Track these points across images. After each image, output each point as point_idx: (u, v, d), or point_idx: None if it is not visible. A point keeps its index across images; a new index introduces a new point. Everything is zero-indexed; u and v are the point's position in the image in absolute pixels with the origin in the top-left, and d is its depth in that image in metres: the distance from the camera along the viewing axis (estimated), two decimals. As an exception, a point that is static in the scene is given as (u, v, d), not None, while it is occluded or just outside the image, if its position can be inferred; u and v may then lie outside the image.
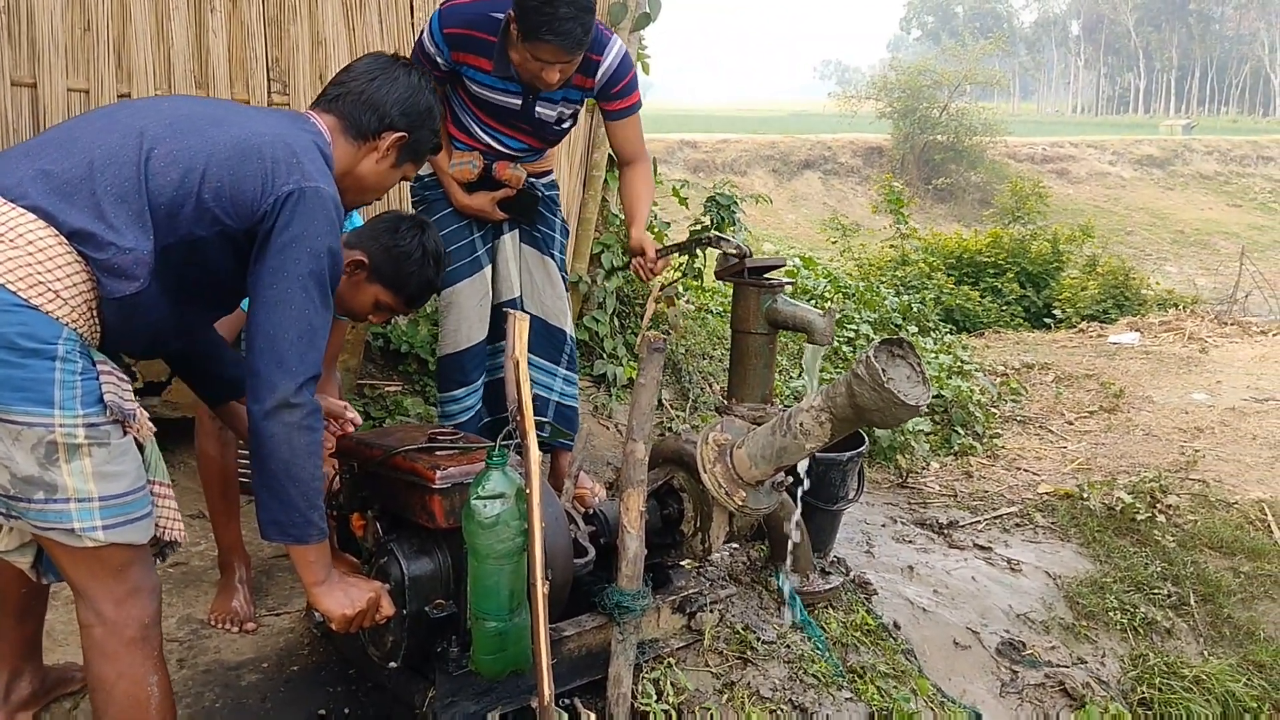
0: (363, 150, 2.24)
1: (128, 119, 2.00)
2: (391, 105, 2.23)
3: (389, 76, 2.26)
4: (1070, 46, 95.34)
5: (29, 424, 1.78)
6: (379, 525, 2.49)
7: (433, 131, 2.35)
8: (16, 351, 1.76)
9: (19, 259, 1.78)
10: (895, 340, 2.48)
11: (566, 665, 2.64)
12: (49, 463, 1.82)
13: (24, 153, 1.95)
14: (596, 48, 3.11)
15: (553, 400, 3.56)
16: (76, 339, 1.85)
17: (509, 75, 3.08)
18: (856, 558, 3.84)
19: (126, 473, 1.92)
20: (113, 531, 1.90)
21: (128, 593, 1.97)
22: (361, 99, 2.22)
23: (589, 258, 5.24)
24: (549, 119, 3.21)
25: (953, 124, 28.92)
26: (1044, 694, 3.40)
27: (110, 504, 1.89)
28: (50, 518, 1.85)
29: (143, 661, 2.00)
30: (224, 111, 2.10)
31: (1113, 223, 26.96)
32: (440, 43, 3.10)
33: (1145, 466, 5.01)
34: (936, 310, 9.52)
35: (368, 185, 2.30)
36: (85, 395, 1.84)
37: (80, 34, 3.97)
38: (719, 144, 27.78)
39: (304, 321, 1.98)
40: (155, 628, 2.04)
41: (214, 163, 1.94)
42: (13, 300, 1.77)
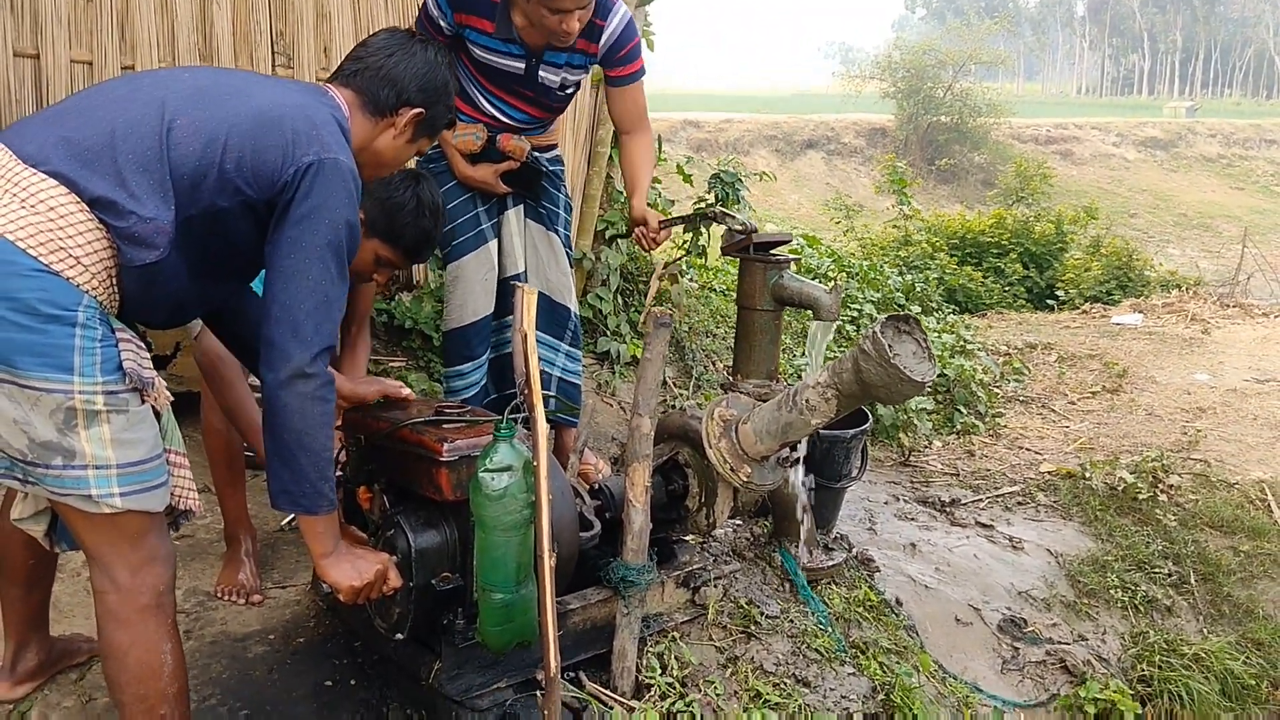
0: (380, 125, 2.24)
1: (149, 89, 1.99)
2: (409, 81, 2.23)
3: (406, 52, 2.26)
4: (1075, 27, 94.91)
5: (48, 389, 1.78)
6: (386, 498, 2.49)
7: (448, 107, 2.35)
8: (37, 317, 1.76)
9: (40, 224, 1.78)
10: (901, 316, 2.48)
11: (571, 638, 2.65)
12: (67, 429, 1.81)
13: (45, 120, 1.95)
14: (601, 12, 3.09)
15: (555, 376, 3.56)
16: (96, 306, 1.84)
17: (511, 37, 3.06)
18: (859, 535, 3.86)
19: (144, 440, 1.92)
20: (130, 499, 1.90)
21: (143, 560, 1.98)
22: (380, 74, 2.22)
23: (593, 234, 5.23)
24: (552, 84, 3.19)
25: (957, 104, 28.81)
26: (1044, 671, 3.42)
27: (128, 471, 1.89)
28: (68, 484, 1.85)
29: (156, 629, 2.01)
30: (245, 82, 2.09)
31: (1116, 204, 26.91)
32: (443, 4, 3.08)
33: (1147, 446, 5.02)
34: (939, 290, 9.52)
35: (384, 160, 2.31)
36: (105, 362, 1.84)
37: (84, 5, 3.95)
38: (722, 123, 27.69)
39: (320, 293, 1.98)
40: (169, 595, 2.04)
41: (235, 133, 1.94)
42: (34, 265, 1.76)
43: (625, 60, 3.19)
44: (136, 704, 2.02)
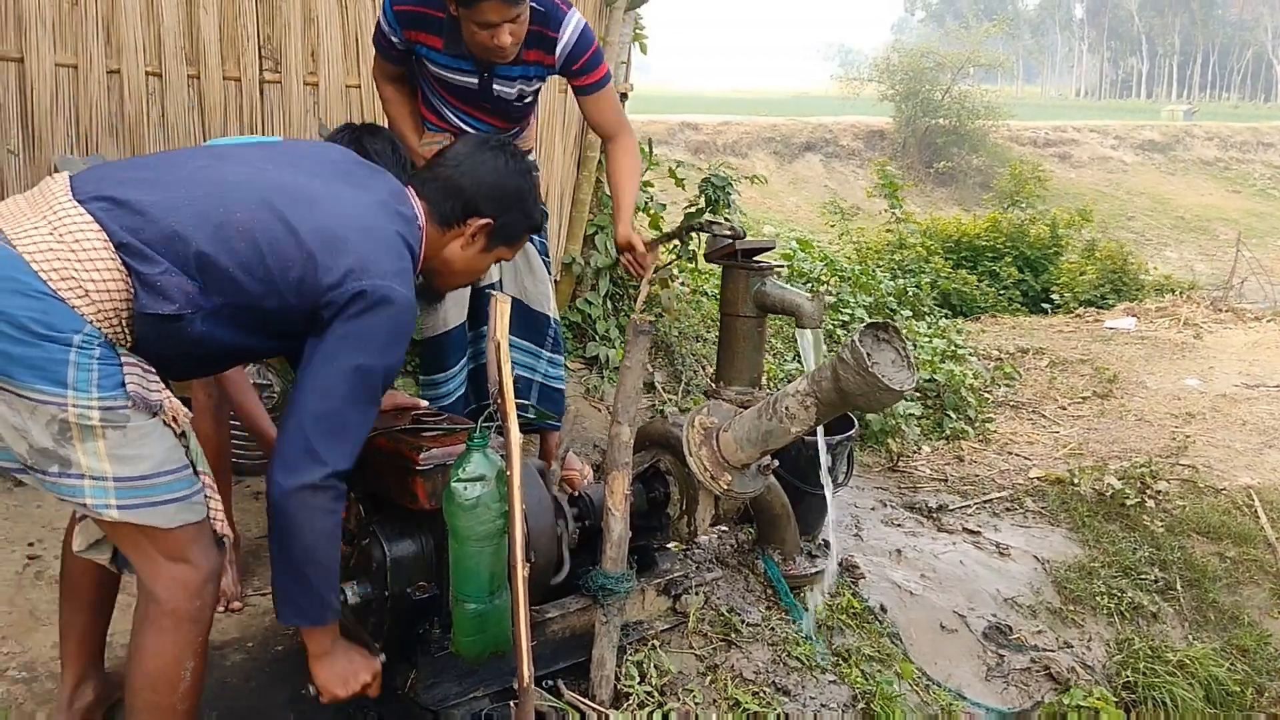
0: (448, 236, 2.22)
1: (225, 172, 2.01)
2: (474, 191, 2.21)
3: (475, 161, 2.24)
4: (1074, 30, 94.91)
5: (43, 400, 1.79)
6: (361, 507, 2.48)
7: (525, 214, 2.30)
8: (31, 334, 1.77)
9: (60, 253, 1.81)
10: (881, 324, 2.47)
11: (550, 647, 2.64)
12: (63, 439, 1.82)
13: (118, 167, 2.01)
14: (553, 24, 3.07)
15: (536, 381, 3.55)
16: (98, 334, 1.84)
17: (461, 53, 3.05)
18: (845, 541, 3.85)
19: (149, 456, 1.90)
20: (128, 512, 1.89)
21: (181, 573, 1.98)
22: (447, 185, 2.21)
23: (582, 239, 5.22)
24: (509, 96, 3.18)
25: (955, 107, 28.74)
26: (1029, 678, 3.42)
27: (127, 485, 1.88)
28: (64, 490, 1.87)
29: (184, 644, 2.00)
30: (318, 186, 2.05)
31: (1114, 207, 26.85)
32: (393, 21, 3.07)
33: (1136, 452, 5.01)
34: (933, 294, 9.50)
35: (454, 269, 2.28)
36: (102, 379, 1.83)
37: (68, 8, 3.94)
38: (720, 126, 27.60)
39: (343, 418, 1.97)
40: (207, 611, 2.03)
41: (294, 247, 1.93)
42: (41, 289, 1.79)
43: (586, 69, 3.15)
44: (146, 711, 2.02)
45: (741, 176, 5.94)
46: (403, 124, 3.27)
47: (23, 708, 2.52)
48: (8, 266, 1.79)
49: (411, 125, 3.28)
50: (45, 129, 4.00)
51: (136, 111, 4.15)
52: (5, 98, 3.91)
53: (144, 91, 4.15)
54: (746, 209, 21.26)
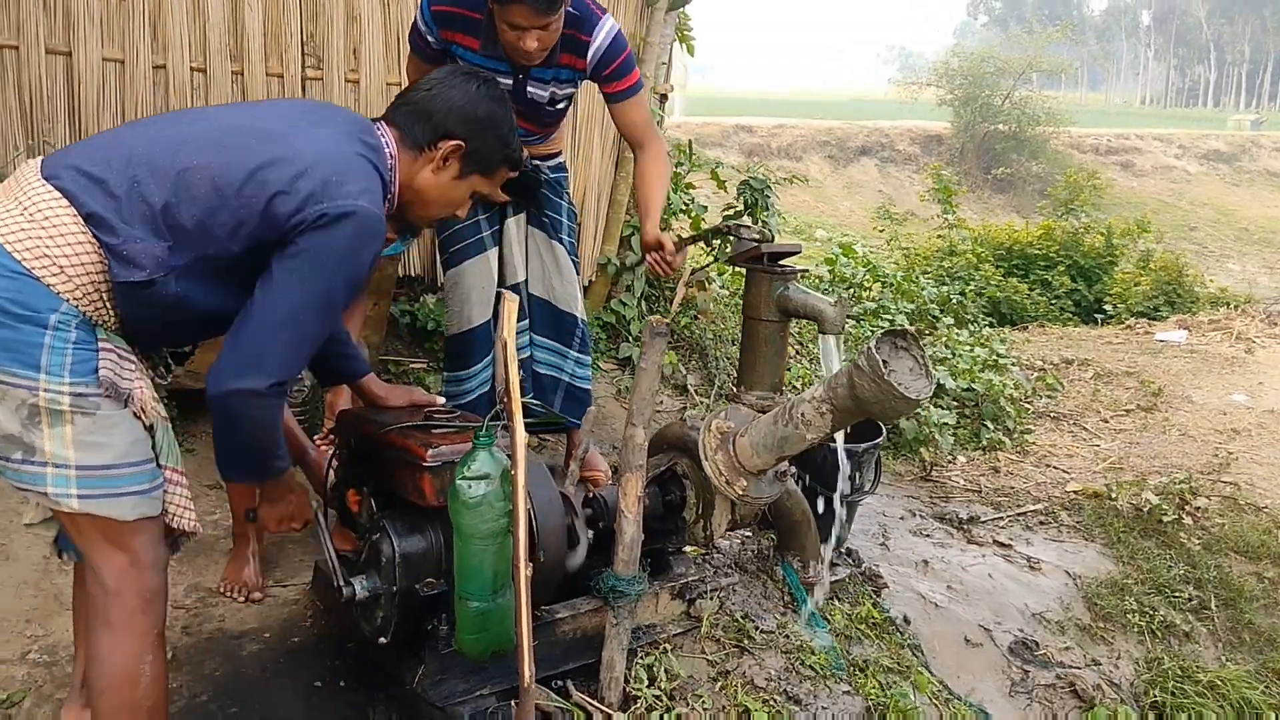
0: (420, 161, 2.19)
1: (178, 125, 2.03)
2: (445, 114, 2.18)
3: (447, 85, 2.23)
4: (1140, 37, 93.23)
5: (13, 384, 1.81)
6: (372, 502, 2.50)
7: (499, 140, 2.26)
8: (8, 315, 1.79)
9: (32, 231, 1.83)
10: (899, 331, 2.43)
11: (561, 648, 2.65)
12: (31, 424, 1.84)
13: (80, 145, 2.01)
14: (586, 28, 3.07)
15: (564, 382, 3.56)
16: (76, 314, 1.86)
17: (497, 55, 3.06)
18: (870, 550, 3.80)
19: (112, 445, 1.92)
20: (89, 502, 1.90)
21: (128, 564, 1.98)
22: (417, 109, 2.20)
23: (619, 240, 5.22)
24: (541, 99, 3.19)
25: (1015, 113, 28.34)
26: (1054, 695, 3.35)
27: (89, 474, 1.89)
28: (25, 479, 1.88)
29: (140, 637, 2.01)
30: (279, 124, 2.04)
31: (1176, 218, 26.35)
32: (429, 20, 3.08)
33: (1177, 468, 4.90)
34: (981, 302, 9.37)
35: (430, 199, 2.24)
36: (76, 364, 1.85)
37: (116, 4, 4.02)
38: (774, 129, 27.49)
39: (297, 329, 1.96)
40: (157, 603, 2.04)
41: (252, 182, 1.92)
42: (15, 268, 1.81)
43: (617, 75, 3.15)
44: (110, 712, 2.02)
45: (781, 179, 5.88)
46: None
47: (42, 690, 2.57)
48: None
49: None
50: (91, 122, 4.08)
51: (181, 106, 4.21)
52: (53, 91, 4.00)
53: (189, 87, 4.22)
54: (798, 213, 21.16)
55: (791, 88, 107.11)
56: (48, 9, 3.91)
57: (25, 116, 3.97)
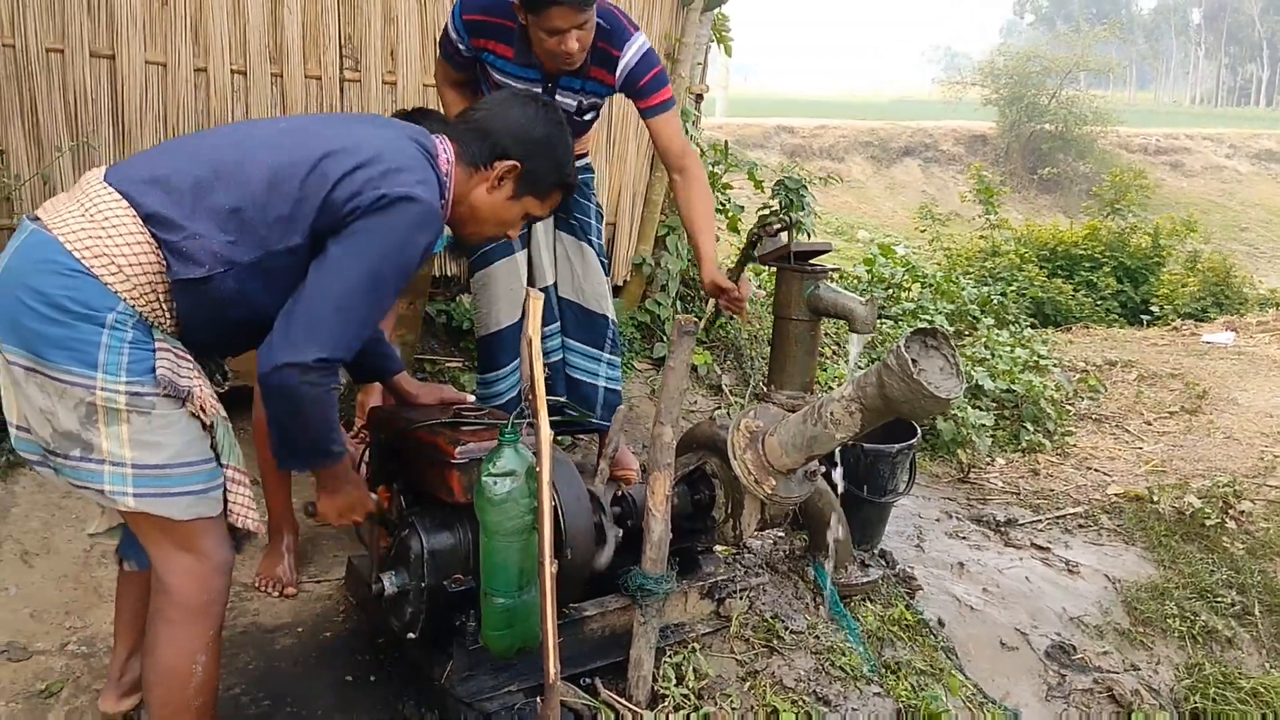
0: (476, 179, 2.23)
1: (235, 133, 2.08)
2: (503, 134, 2.22)
3: (507, 106, 2.27)
4: (1191, 35, 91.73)
5: (71, 382, 1.83)
6: (403, 498, 2.52)
7: (554, 164, 2.29)
8: (66, 313, 1.82)
9: (91, 230, 1.86)
10: (929, 330, 2.41)
11: (589, 645, 2.65)
12: (89, 423, 1.86)
13: (139, 156, 2.07)
14: (617, 42, 3.07)
15: (600, 385, 3.57)
16: (132, 313, 1.88)
17: (530, 63, 3.07)
18: (905, 552, 3.77)
19: (167, 445, 1.93)
20: (144, 500, 1.92)
21: (193, 564, 2.01)
22: (476, 128, 2.23)
23: (654, 240, 5.22)
24: (569, 108, 3.19)
25: (1062, 112, 28.00)
26: (1091, 700, 3.30)
27: (145, 473, 1.91)
28: (83, 475, 1.90)
29: (196, 636, 2.03)
30: (334, 125, 2.10)
31: (1227, 218, 25.90)
32: (461, 29, 3.11)
33: (1222, 471, 4.82)
34: (1024, 303, 9.26)
35: (483, 216, 2.27)
36: (132, 363, 1.87)
37: (158, 8, 4.09)
38: (816, 130, 27.33)
39: (348, 308, 1.96)
40: (216, 605, 2.06)
41: (314, 172, 1.95)
42: (74, 265, 1.84)
43: (647, 91, 3.14)
44: (160, 707, 2.06)
45: (817, 179, 5.84)
46: None
47: (79, 680, 2.62)
48: (43, 249, 1.86)
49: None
50: (135, 125, 4.15)
51: (221, 108, 4.28)
52: (97, 93, 4.07)
53: (229, 89, 4.28)
54: (840, 214, 21.03)
55: (835, 89, 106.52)
56: (92, 13, 3.99)
57: (70, 119, 4.05)
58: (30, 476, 3.41)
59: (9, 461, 3.39)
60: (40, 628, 2.79)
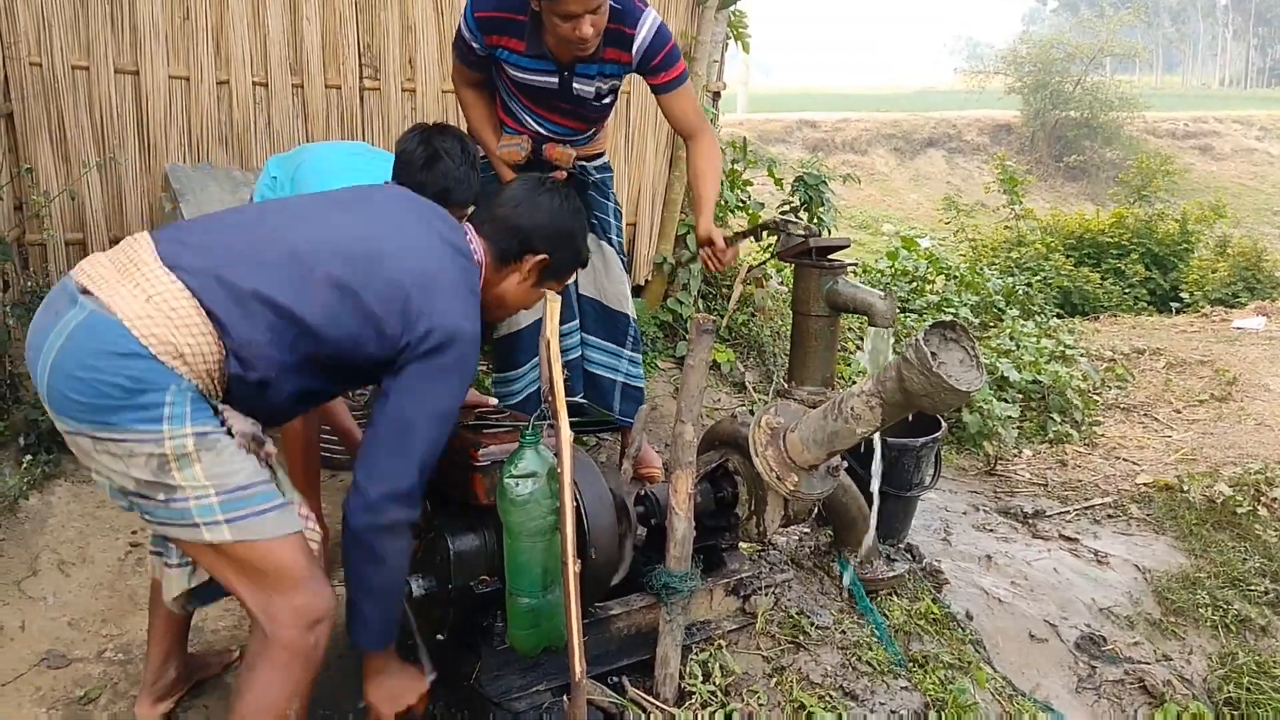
0: (505, 272, 2.36)
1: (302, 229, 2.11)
2: (531, 230, 2.34)
3: (533, 202, 2.37)
4: (1218, 17, 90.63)
5: (139, 440, 1.86)
6: (428, 502, 2.54)
7: (575, 252, 2.46)
8: (128, 392, 1.85)
9: (157, 318, 1.88)
10: (948, 323, 2.41)
11: (616, 644, 2.66)
12: (162, 471, 1.89)
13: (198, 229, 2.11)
14: (630, 21, 3.09)
15: (619, 382, 3.59)
16: (192, 388, 1.91)
17: (541, 54, 3.10)
18: (932, 545, 3.77)
19: (243, 469, 1.97)
20: (238, 525, 1.94)
21: (293, 607, 2.02)
22: (506, 225, 2.34)
23: (674, 239, 5.23)
24: (587, 95, 3.21)
25: (1087, 99, 27.75)
26: (1122, 691, 3.28)
27: (230, 497, 1.94)
28: (174, 515, 1.93)
29: (294, 681, 2.04)
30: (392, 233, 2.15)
31: (1258, 201, 25.60)
32: (474, 28, 3.13)
33: (1253, 458, 4.77)
34: (1051, 293, 9.20)
35: (507, 302, 2.43)
36: (195, 412, 1.90)
37: (180, 22, 4.15)
38: (838, 123, 27.22)
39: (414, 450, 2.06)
40: (320, 650, 2.08)
41: (369, 301, 2.02)
42: (138, 349, 1.86)
43: (662, 67, 3.17)
44: None
45: (837, 175, 5.84)
46: (482, 128, 3.34)
47: (117, 687, 2.66)
48: (108, 331, 1.86)
49: (490, 128, 3.35)
50: (159, 138, 4.22)
51: (244, 120, 4.33)
52: (122, 108, 4.13)
53: (251, 100, 4.34)
54: (864, 207, 20.92)
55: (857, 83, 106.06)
56: (116, 30, 4.05)
57: (96, 134, 4.12)
58: (66, 487, 3.47)
59: (45, 473, 3.45)
60: (78, 635, 2.84)
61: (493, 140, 3.32)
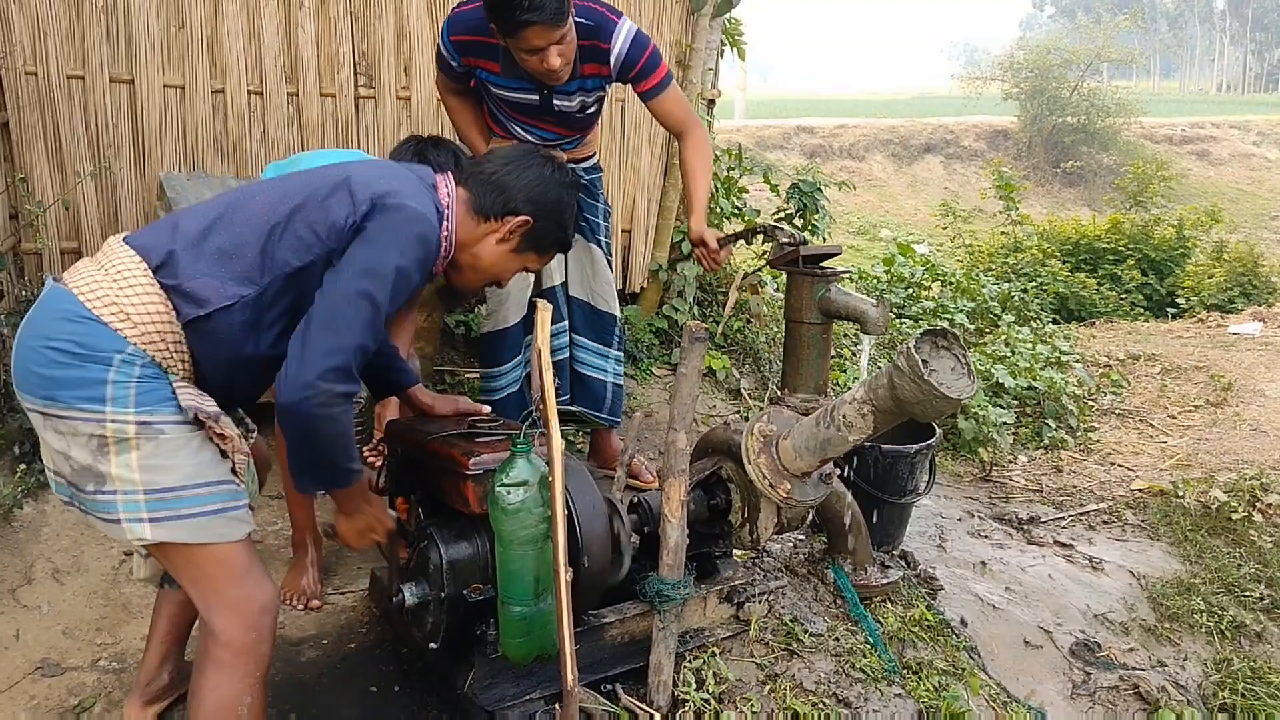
0: (483, 228, 2.26)
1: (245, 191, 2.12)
2: (518, 190, 2.25)
3: (523, 165, 2.30)
4: (1215, 22, 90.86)
5: (83, 418, 1.88)
6: (420, 510, 2.55)
7: (559, 226, 2.34)
8: (73, 356, 1.88)
9: (104, 282, 1.94)
10: (939, 330, 2.41)
11: (609, 652, 2.67)
12: (100, 453, 1.90)
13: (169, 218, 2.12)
14: (604, 35, 3.10)
15: (609, 382, 3.63)
16: (142, 355, 1.92)
17: (519, 74, 3.11)
18: (927, 552, 3.77)
19: (180, 467, 1.94)
20: (160, 526, 1.93)
21: (230, 603, 2.01)
22: (492, 181, 2.26)
23: (669, 246, 5.24)
24: (569, 109, 3.23)
25: (1084, 104, 27.80)
26: (1117, 697, 3.28)
27: (157, 496, 1.92)
28: (101, 507, 1.93)
29: (241, 678, 2.02)
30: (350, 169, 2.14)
31: (1255, 207, 25.63)
32: (451, 49, 3.17)
33: (1248, 463, 4.77)
34: (1047, 298, 9.20)
35: (483, 265, 2.30)
36: (142, 395, 1.91)
37: (175, 31, 4.16)
38: (836, 129, 27.25)
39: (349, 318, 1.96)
40: (264, 645, 2.06)
41: (313, 197, 2.04)
42: (83, 313, 1.91)
43: (643, 74, 3.18)
44: None
45: (832, 183, 5.84)
46: (469, 131, 3.38)
47: (111, 696, 2.66)
48: (58, 300, 1.94)
49: (478, 131, 3.38)
50: (154, 146, 4.22)
51: (239, 128, 4.34)
52: (117, 118, 4.14)
53: (246, 109, 4.34)
54: (862, 213, 20.93)
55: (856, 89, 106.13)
56: (111, 40, 4.06)
57: (92, 143, 4.12)
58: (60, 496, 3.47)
59: (39, 482, 3.45)
60: (72, 644, 2.84)
61: (480, 143, 3.36)
